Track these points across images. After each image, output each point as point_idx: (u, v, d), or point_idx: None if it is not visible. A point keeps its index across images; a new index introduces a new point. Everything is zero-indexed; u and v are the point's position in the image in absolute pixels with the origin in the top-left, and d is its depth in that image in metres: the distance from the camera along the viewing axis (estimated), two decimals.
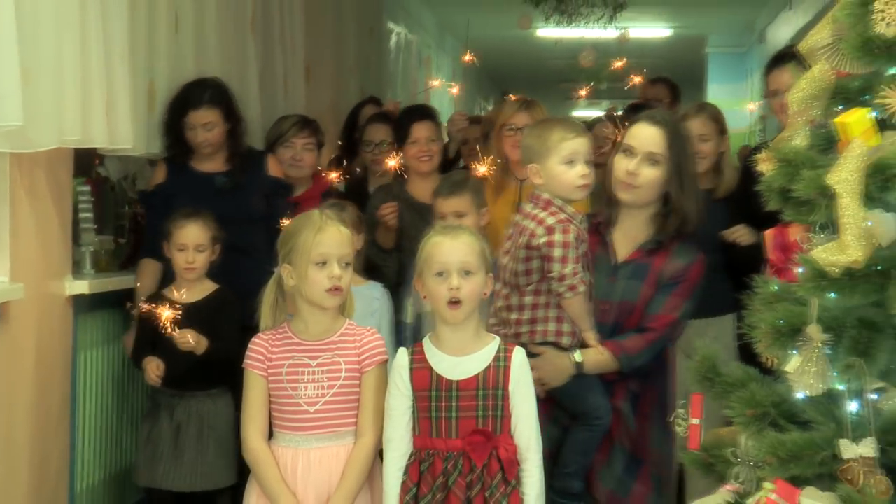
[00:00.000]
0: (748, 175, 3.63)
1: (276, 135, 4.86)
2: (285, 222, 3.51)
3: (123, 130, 3.96)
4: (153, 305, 3.84)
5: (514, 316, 3.38)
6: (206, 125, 4.35)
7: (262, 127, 5.15)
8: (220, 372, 3.97)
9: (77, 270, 4.13)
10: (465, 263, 2.97)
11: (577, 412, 3.41)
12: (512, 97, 4.80)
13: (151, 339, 3.96)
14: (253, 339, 3.14)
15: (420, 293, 3.08)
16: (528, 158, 3.46)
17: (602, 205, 3.64)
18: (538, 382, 3.25)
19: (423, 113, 4.90)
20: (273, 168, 4.59)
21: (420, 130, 4.70)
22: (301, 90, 6.35)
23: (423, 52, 11.31)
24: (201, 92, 4.38)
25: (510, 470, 2.92)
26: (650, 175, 3.49)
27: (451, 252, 2.98)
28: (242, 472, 3.17)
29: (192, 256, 4.03)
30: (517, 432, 2.97)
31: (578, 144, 3.41)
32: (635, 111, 5.06)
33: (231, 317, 4.03)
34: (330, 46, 7.07)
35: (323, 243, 3.03)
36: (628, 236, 3.57)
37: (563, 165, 3.39)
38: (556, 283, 3.32)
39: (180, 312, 3.79)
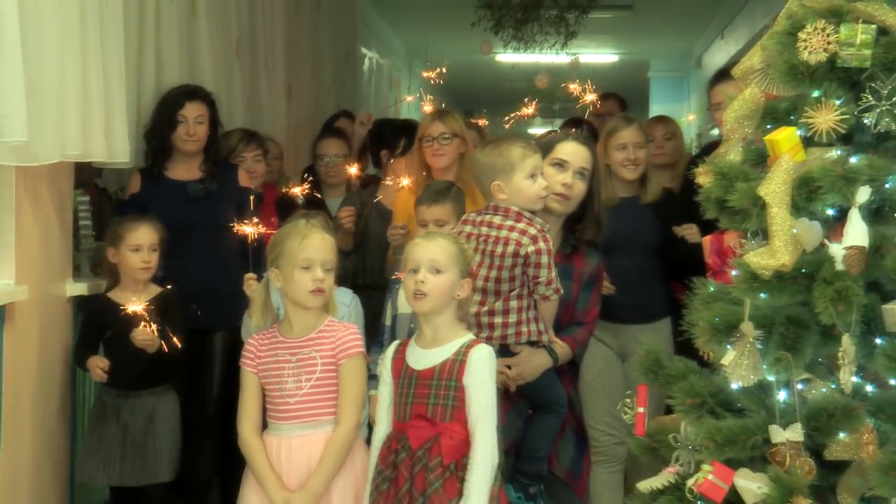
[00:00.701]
0: (688, 182, 3.64)
1: (226, 151, 4.65)
2: (247, 230, 3.53)
3: (121, 146, 3.92)
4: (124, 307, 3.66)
5: (498, 320, 3.30)
6: (198, 117, 4.27)
7: None
8: (166, 371, 3.85)
9: (77, 274, 4.09)
10: (434, 262, 2.94)
11: (544, 402, 3.42)
12: (483, 122, 4.74)
13: (95, 340, 3.83)
14: (248, 340, 3.18)
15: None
16: (491, 177, 3.39)
17: None
18: (518, 378, 3.30)
19: None
20: (244, 179, 4.47)
21: None
22: (282, 108, 6.33)
23: (393, 75, 11.34)
24: (195, 89, 4.36)
25: (448, 455, 2.84)
26: (580, 188, 3.58)
27: (423, 251, 2.97)
28: (239, 462, 3.14)
29: (148, 256, 3.84)
30: (469, 421, 2.88)
31: (538, 160, 3.40)
32: (571, 125, 5.11)
33: (176, 318, 3.84)
34: (309, 69, 7.05)
35: (308, 249, 3.05)
36: None
37: (528, 180, 3.36)
38: (543, 287, 3.29)
39: (138, 311, 3.60)
